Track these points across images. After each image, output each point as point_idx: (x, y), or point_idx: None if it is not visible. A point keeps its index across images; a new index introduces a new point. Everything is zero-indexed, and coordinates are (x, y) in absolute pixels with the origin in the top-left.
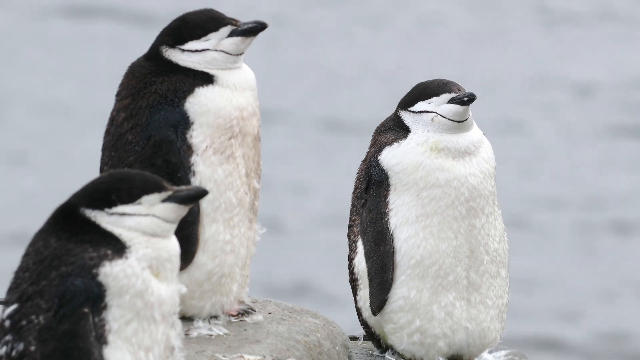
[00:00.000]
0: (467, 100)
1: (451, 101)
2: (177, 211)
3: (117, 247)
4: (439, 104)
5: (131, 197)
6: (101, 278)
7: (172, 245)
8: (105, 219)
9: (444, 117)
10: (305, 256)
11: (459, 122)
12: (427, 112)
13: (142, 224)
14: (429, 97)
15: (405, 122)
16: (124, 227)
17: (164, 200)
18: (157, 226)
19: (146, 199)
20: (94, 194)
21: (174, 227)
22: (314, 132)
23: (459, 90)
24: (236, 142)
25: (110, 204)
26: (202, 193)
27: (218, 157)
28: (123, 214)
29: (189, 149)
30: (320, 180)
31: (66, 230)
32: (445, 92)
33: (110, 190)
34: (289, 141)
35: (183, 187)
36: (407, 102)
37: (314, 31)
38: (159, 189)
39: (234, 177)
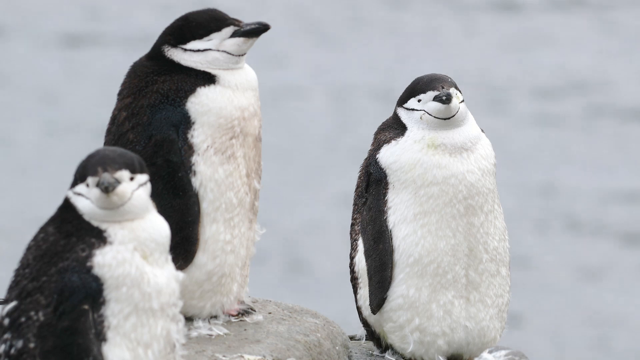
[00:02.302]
0: (445, 99)
1: (435, 99)
2: (100, 198)
3: (95, 233)
4: (426, 102)
5: (82, 177)
6: (96, 270)
7: (151, 225)
8: (73, 199)
9: (430, 114)
10: None
11: (444, 119)
12: (416, 110)
13: (85, 207)
14: (418, 94)
15: (402, 119)
16: (79, 209)
17: (96, 186)
18: (93, 211)
19: (90, 180)
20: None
21: (112, 214)
22: None
23: (442, 87)
24: (237, 143)
25: (75, 182)
26: (108, 185)
27: (219, 157)
28: (79, 194)
29: (190, 149)
30: None
31: (60, 218)
32: (430, 90)
33: (76, 168)
34: None
35: (104, 175)
36: (402, 99)
37: None
38: (93, 172)
39: (234, 177)
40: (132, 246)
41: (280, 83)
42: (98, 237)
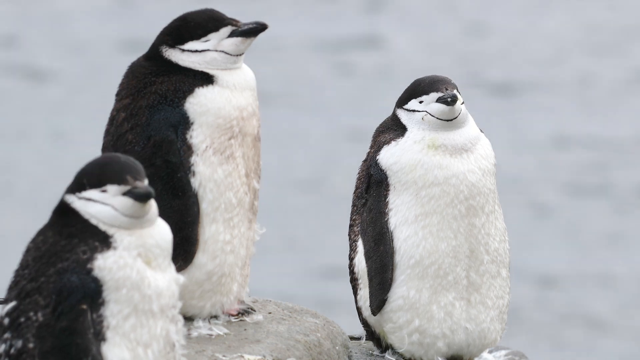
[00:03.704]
0: (450, 100)
1: (438, 100)
2: (132, 207)
3: (101, 237)
4: (428, 103)
5: (99, 182)
6: (96, 272)
7: (157, 230)
8: (77, 204)
9: (432, 115)
10: None
11: (447, 120)
12: (418, 111)
13: (101, 213)
14: (420, 96)
15: (402, 120)
16: (89, 213)
17: (124, 194)
18: (115, 218)
19: (110, 188)
20: (74, 179)
21: (134, 221)
22: None
23: (446, 89)
24: (236, 142)
25: (81, 187)
26: (150, 194)
27: (218, 158)
28: (89, 199)
29: (188, 149)
30: None
31: (59, 223)
32: (433, 91)
33: (85, 173)
34: None
35: (140, 184)
36: (402, 100)
37: None
38: (120, 180)
39: (233, 177)
40: (136, 252)
41: None
42: (103, 241)
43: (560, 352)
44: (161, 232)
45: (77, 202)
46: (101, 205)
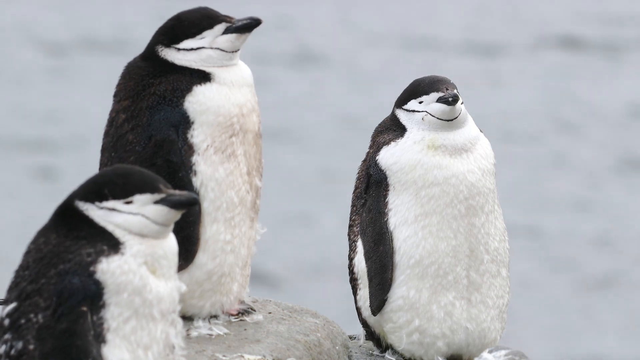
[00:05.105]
0: (451, 100)
1: (439, 100)
2: (167, 215)
3: (112, 243)
4: (428, 103)
5: (124, 193)
6: (98, 275)
7: (168, 242)
8: (95, 213)
9: (433, 116)
10: None
11: (448, 120)
12: (418, 111)
13: (129, 222)
14: (420, 96)
15: (401, 120)
16: (112, 222)
17: (156, 202)
18: (145, 226)
19: (138, 197)
20: (88, 187)
21: (164, 229)
22: None
23: (447, 89)
24: (237, 140)
25: (102, 197)
26: (193, 201)
27: (219, 156)
28: (112, 209)
29: (190, 149)
30: None
31: (64, 226)
32: (433, 91)
33: (105, 183)
34: None
35: (176, 192)
36: (402, 101)
37: None
38: (152, 189)
39: (235, 176)
40: (143, 261)
41: None
42: (112, 246)
43: None
44: (170, 245)
45: (95, 211)
46: (129, 215)
